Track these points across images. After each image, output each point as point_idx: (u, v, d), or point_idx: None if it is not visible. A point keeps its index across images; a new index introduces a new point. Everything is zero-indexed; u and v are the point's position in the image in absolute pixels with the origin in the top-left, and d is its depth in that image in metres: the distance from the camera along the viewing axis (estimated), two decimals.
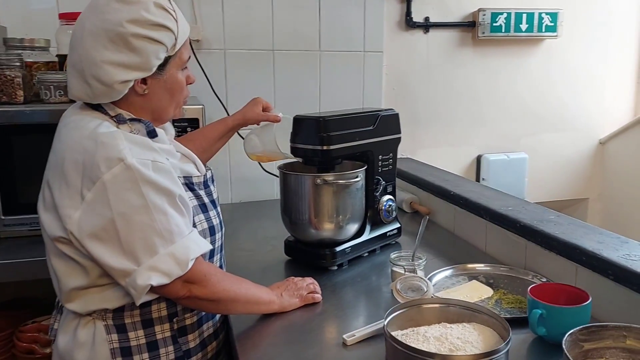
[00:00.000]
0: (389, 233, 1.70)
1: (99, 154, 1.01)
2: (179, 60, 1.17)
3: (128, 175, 1.01)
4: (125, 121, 1.12)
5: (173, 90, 1.18)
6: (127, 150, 1.02)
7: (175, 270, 1.03)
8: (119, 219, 1.00)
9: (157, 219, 1.02)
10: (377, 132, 1.62)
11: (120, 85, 1.08)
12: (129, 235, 1.01)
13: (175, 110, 1.22)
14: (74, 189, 1.02)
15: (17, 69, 1.61)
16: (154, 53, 1.09)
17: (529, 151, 2.73)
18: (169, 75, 1.15)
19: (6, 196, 1.57)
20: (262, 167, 2.20)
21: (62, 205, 1.03)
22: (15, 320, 1.75)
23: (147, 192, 1.02)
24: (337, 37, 2.32)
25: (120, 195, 1.00)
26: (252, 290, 1.22)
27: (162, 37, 1.09)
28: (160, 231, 1.03)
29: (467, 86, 2.60)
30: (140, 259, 1.01)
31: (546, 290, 1.16)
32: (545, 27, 2.59)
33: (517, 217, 1.53)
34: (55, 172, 1.07)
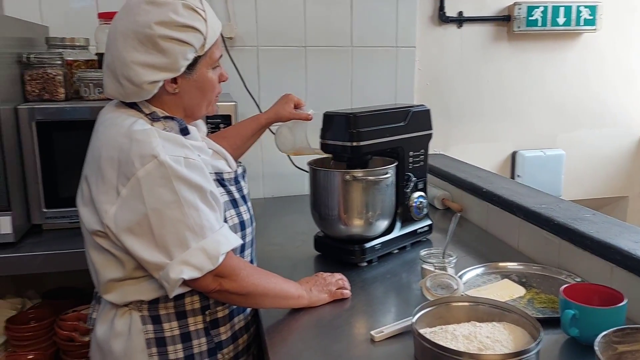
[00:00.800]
0: (419, 230, 1.69)
1: (134, 151, 1.04)
2: (209, 60, 1.18)
3: (161, 172, 1.03)
4: (159, 119, 1.14)
5: (204, 89, 1.20)
6: (160, 147, 1.05)
7: (207, 264, 1.06)
8: (152, 214, 1.03)
9: (188, 214, 1.05)
10: (408, 128, 1.62)
11: (149, 85, 1.11)
12: (162, 230, 1.04)
13: (207, 107, 1.24)
14: (110, 184, 1.06)
15: (59, 67, 1.66)
16: (181, 54, 1.11)
17: (566, 148, 2.67)
18: (199, 74, 1.17)
19: (48, 190, 1.63)
20: (292, 163, 2.22)
21: (99, 201, 1.07)
22: (56, 309, 1.81)
23: (179, 188, 1.04)
24: (369, 32, 2.32)
25: (153, 191, 1.03)
26: (281, 284, 1.23)
27: (189, 38, 1.11)
28: (192, 226, 1.05)
29: (501, 81, 2.56)
30: (173, 253, 1.04)
31: (579, 290, 1.14)
32: (583, 21, 2.52)
33: (551, 215, 1.50)
34: (92, 168, 1.11)
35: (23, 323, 1.75)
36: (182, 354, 1.16)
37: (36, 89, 1.63)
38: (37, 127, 1.60)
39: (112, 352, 1.15)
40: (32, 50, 1.69)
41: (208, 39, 1.14)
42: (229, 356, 1.23)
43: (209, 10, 1.17)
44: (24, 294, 1.96)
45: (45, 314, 1.79)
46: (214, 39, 1.17)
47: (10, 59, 1.58)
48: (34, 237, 1.65)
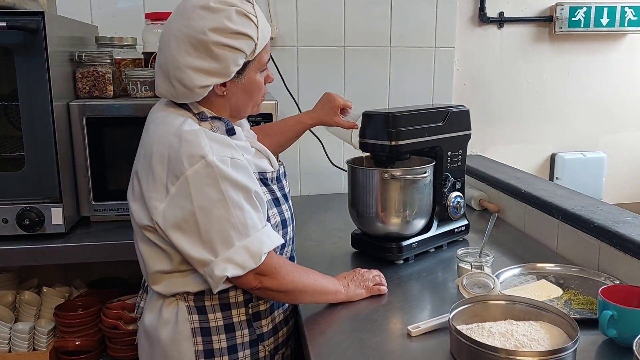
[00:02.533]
0: (456, 229, 1.70)
1: (183, 151, 1.08)
2: (258, 64, 1.20)
3: (208, 172, 1.07)
4: (207, 119, 1.18)
5: (251, 91, 1.23)
6: (208, 147, 1.08)
7: (249, 262, 1.09)
8: (199, 212, 1.07)
9: (233, 214, 1.09)
10: (447, 128, 1.62)
11: (200, 89, 1.15)
12: (208, 227, 1.08)
13: (253, 108, 1.27)
14: (160, 182, 1.10)
15: (108, 65, 1.73)
16: (233, 60, 1.14)
17: (607, 150, 2.62)
18: (248, 77, 1.20)
19: (96, 183, 1.70)
20: (330, 162, 2.25)
21: (149, 197, 1.11)
22: (102, 298, 1.89)
23: (225, 187, 1.08)
24: (408, 33, 2.32)
25: (200, 190, 1.07)
26: (320, 281, 1.26)
27: (241, 45, 1.13)
28: (236, 225, 1.09)
29: (542, 83, 2.53)
30: (218, 251, 1.08)
31: (618, 292, 1.14)
32: (628, 22, 2.47)
33: (591, 217, 1.49)
34: (143, 165, 1.15)
35: (71, 310, 1.83)
36: (225, 344, 1.20)
37: (87, 86, 1.71)
38: (87, 123, 1.67)
39: (160, 340, 1.19)
40: (83, 49, 1.77)
41: (259, 45, 1.16)
42: (270, 348, 1.27)
43: (260, 15, 1.19)
44: (71, 283, 2.05)
45: (92, 302, 1.87)
46: (264, 44, 1.19)
47: (63, 57, 1.65)
48: (82, 228, 1.73)
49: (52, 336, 1.84)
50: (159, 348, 1.20)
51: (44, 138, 1.56)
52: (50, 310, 1.86)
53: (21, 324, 1.80)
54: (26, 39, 1.49)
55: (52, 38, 1.53)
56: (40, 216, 1.59)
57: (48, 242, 1.60)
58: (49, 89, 1.53)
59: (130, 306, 1.81)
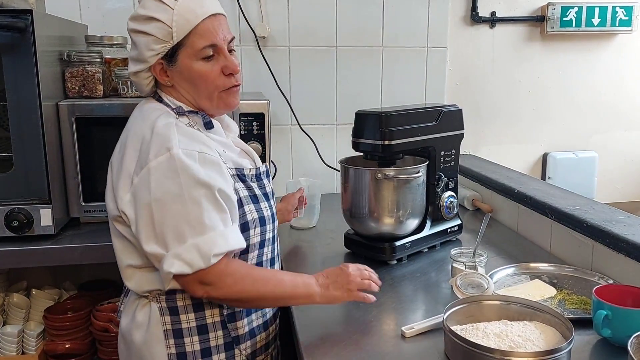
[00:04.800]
0: (449, 229, 1.69)
1: (152, 143, 1.08)
2: (190, 50, 1.15)
3: (171, 164, 1.06)
4: (184, 113, 1.18)
5: (193, 80, 1.18)
6: (175, 140, 1.08)
7: (198, 262, 1.05)
8: (155, 204, 1.06)
9: (190, 209, 1.06)
10: (440, 127, 1.62)
11: (134, 77, 1.20)
12: (162, 220, 1.06)
13: (210, 101, 1.20)
14: (127, 172, 1.10)
15: (97, 65, 1.71)
16: (145, 45, 1.14)
17: (598, 150, 2.63)
18: (182, 65, 1.16)
19: (86, 184, 1.68)
20: (323, 161, 2.24)
21: (117, 187, 1.12)
22: (93, 300, 1.86)
23: (185, 181, 1.06)
24: (400, 33, 2.32)
25: (160, 182, 1.06)
26: (284, 286, 1.16)
27: (151, 29, 1.13)
28: (191, 221, 1.05)
29: (534, 82, 2.54)
30: (169, 245, 1.05)
31: (612, 292, 1.14)
32: (619, 22, 2.48)
33: (584, 217, 1.49)
34: (117, 157, 1.16)
35: (61, 313, 1.81)
36: (198, 346, 1.16)
37: (76, 86, 1.69)
38: (76, 123, 1.65)
39: (134, 342, 1.17)
40: (73, 48, 1.74)
41: (176, 28, 1.13)
42: (247, 352, 1.22)
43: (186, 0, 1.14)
44: (61, 285, 2.02)
45: (82, 304, 1.85)
46: (188, 27, 1.13)
47: (52, 56, 1.63)
48: (72, 229, 1.70)
49: (41, 339, 1.81)
50: (134, 351, 1.18)
51: (32, 138, 1.54)
52: (39, 313, 1.84)
53: (10, 327, 1.78)
54: (14, 38, 1.47)
55: (40, 37, 1.51)
56: (29, 218, 1.57)
57: (37, 244, 1.58)
58: (38, 88, 1.51)
59: None
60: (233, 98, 1.22)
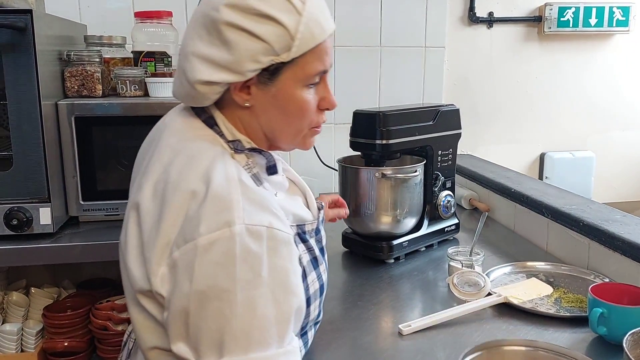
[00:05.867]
0: (447, 228, 1.70)
1: (207, 207, 0.77)
2: (300, 72, 0.86)
3: (228, 247, 0.75)
4: (243, 151, 0.88)
5: (287, 111, 0.88)
6: (240, 210, 0.77)
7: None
8: (195, 297, 0.75)
9: (240, 314, 0.75)
10: (437, 127, 1.63)
11: (202, 86, 0.84)
12: (199, 321, 0.75)
13: (295, 138, 0.92)
14: (166, 238, 0.79)
15: (97, 64, 1.72)
16: (249, 52, 0.81)
17: (596, 150, 2.64)
18: (282, 88, 0.86)
19: (85, 183, 1.68)
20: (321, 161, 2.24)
21: (150, 256, 0.80)
22: (92, 298, 1.87)
23: (242, 275, 0.75)
24: (398, 32, 2.33)
25: (207, 270, 0.75)
26: None
27: (265, 33, 0.81)
28: (236, 331, 0.75)
29: (531, 82, 2.55)
30: (201, 354, 0.76)
31: (608, 290, 1.15)
32: (616, 22, 2.49)
33: (581, 216, 1.50)
34: (153, 203, 0.83)
35: (60, 311, 1.81)
36: None
37: (75, 85, 1.69)
38: (75, 122, 1.65)
39: None
40: (72, 48, 1.75)
41: (298, 41, 0.83)
42: None
43: (315, 2, 0.85)
44: (60, 283, 2.03)
45: (81, 303, 1.85)
46: (310, 44, 0.84)
47: (51, 56, 1.63)
48: (71, 228, 1.71)
49: (40, 337, 1.82)
50: None
51: (32, 137, 1.54)
52: (38, 311, 1.84)
53: (9, 325, 1.78)
54: (14, 37, 1.47)
55: (40, 37, 1.51)
56: (29, 216, 1.57)
57: (36, 243, 1.58)
58: (37, 88, 1.51)
59: (120, 307, 1.80)
60: (312, 140, 0.96)
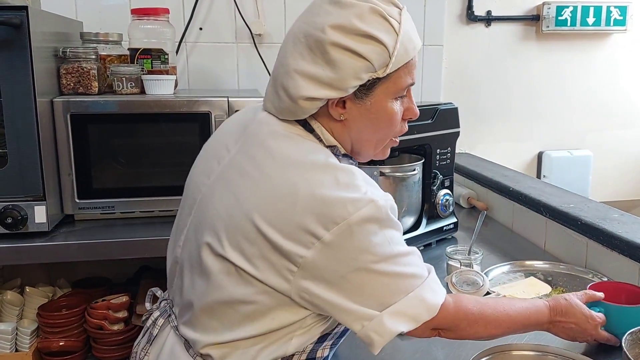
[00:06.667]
0: (445, 227, 1.69)
1: (342, 191, 0.86)
2: (392, 86, 0.93)
3: (376, 218, 0.87)
4: (340, 156, 0.96)
5: (378, 123, 0.96)
6: (369, 191, 0.88)
7: (424, 315, 0.90)
8: (365, 264, 0.87)
9: (403, 262, 0.90)
10: (436, 125, 1.62)
11: (305, 102, 0.90)
12: (375, 282, 0.88)
13: (376, 148, 1.01)
14: (301, 227, 0.86)
15: (93, 61, 1.70)
16: (353, 70, 0.88)
17: (593, 148, 2.64)
18: (375, 102, 0.93)
19: (81, 181, 1.67)
20: None
21: (289, 250, 0.86)
22: (87, 298, 1.85)
23: (392, 235, 0.89)
24: None
25: (367, 240, 0.86)
26: (516, 327, 1.02)
27: (368, 52, 0.88)
28: (407, 275, 0.90)
29: (529, 81, 2.54)
30: (386, 304, 0.88)
31: (606, 289, 1.14)
32: (613, 21, 2.49)
33: (579, 214, 1.50)
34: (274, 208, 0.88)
35: (55, 310, 1.80)
36: None
37: (71, 82, 1.68)
38: (71, 120, 1.64)
39: None
40: (68, 44, 1.73)
41: (395, 58, 0.90)
42: None
43: (407, 22, 0.93)
44: (55, 282, 2.01)
45: (76, 302, 1.84)
46: (404, 60, 0.91)
47: (47, 53, 1.62)
48: (66, 226, 1.69)
49: (35, 337, 1.80)
50: None
51: (27, 135, 1.52)
52: (33, 311, 1.83)
53: (3, 324, 1.77)
54: (9, 34, 1.46)
55: (36, 33, 1.50)
56: (23, 214, 1.56)
57: (31, 241, 1.56)
58: (33, 85, 1.49)
59: (116, 306, 1.78)
60: (389, 149, 1.05)
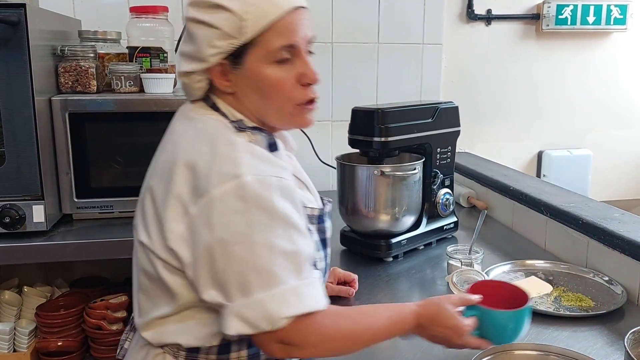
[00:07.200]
0: (445, 227, 1.69)
1: (215, 164, 0.87)
2: (262, 51, 0.92)
3: (240, 195, 0.85)
4: (245, 129, 0.96)
5: (261, 89, 0.95)
6: (246, 164, 0.87)
7: (262, 323, 0.83)
8: (218, 245, 0.85)
9: (260, 254, 0.84)
10: (436, 124, 1.62)
11: (183, 78, 0.97)
12: (225, 267, 0.85)
13: (280, 116, 0.98)
14: (178, 198, 0.88)
15: (91, 60, 1.69)
16: (205, 39, 0.92)
17: (593, 148, 2.64)
18: (249, 69, 0.93)
19: (79, 180, 1.66)
20: (318, 158, 2.23)
21: (165, 217, 0.89)
22: (85, 297, 1.84)
23: (257, 219, 0.85)
24: (396, 29, 2.31)
25: (225, 218, 0.85)
26: (378, 338, 0.95)
27: (216, 20, 0.91)
28: (260, 269, 0.84)
29: (529, 80, 2.54)
30: (232, 296, 0.85)
31: (489, 287, 1.03)
32: (613, 20, 2.49)
33: (580, 214, 1.49)
34: (161, 177, 0.93)
35: (53, 310, 1.79)
36: None
37: (69, 81, 1.67)
38: (69, 118, 1.63)
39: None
40: (66, 43, 1.72)
41: (251, 22, 0.90)
42: None
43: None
44: (52, 282, 2.00)
45: (74, 302, 1.83)
46: (264, 22, 0.91)
47: (45, 51, 1.61)
48: (64, 226, 1.68)
49: (33, 337, 1.79)
50: None
51: (25, 134, 1.51)
52: (31, 311, 1.81)
53: (1, 324, 1.76)
54: (7, 32, 1.45)
55: (34, 32, 1.49)
56: (22, 214, 1.55)
57: (29, 241, 1.55)
58: (31, 83, 1.49)
59: (115, 306, 1.77)
60: (308, 115, 1.00)
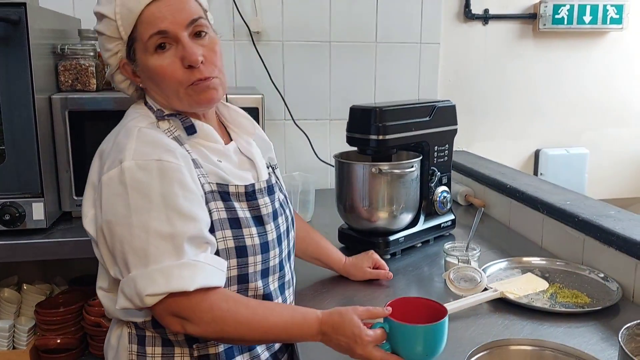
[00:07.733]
0: (443, 224, 1.70)
1: (111, 152, 0.97)
2: (141, 44, 1.00)
3: (121, 179, 0.92)
4: (164, 117, 1.04)
5: (153, 79, 1.03)
6: (131, 150, 0.94)
7: (135, 299, 0.90)
8: (106, 226, 0.93)
9: (136, 235, 0.91)
10: (433, 123, 1.63)
11: (111, 80, 1.10)
12: (112, 245, 0.93)
13: (179, 100, 1.03)
14: (92, 185, 1.00)
15: (91, 58, 1.70)
16: (102, 46, 1.05)
17: (590, 146, 2.65)
18: (140, 63, 1.02)
19: (78, 178, 1.67)
20: (316, 156, 2.24)
21: (83, 202, 1.01)
22: (84, 295, 1.85)
23: (134, 201, 0.91)
24: (393, 28, 2.32)
25: (109, 201, 0.93)
26: (274, 334, 0.96)
27: (101, 27, 1.03)
28: (136, 249, 0.91)
29: (526, 79, 2.55)
30: (122, 273, 0.94)
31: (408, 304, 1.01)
32: (610, 19, 2.50)
33: (576, 211, 1.50)
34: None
35: (52, 308, 1.80)
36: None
37: (69, 79, 1.68)
38: (69, 117, 1.64)
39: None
40: (66, 41, 1.73)
41: (121, 21, 0.99)
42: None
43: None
44: (52, 280, 2.01)
45: (74, 299, 1.84)
46: (132, 18, 0.98)
47: (45, 49, 1.62)
48: (64, 223, 1.69)
49: (32, 334, 1.80)
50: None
51: (24, 131, 1.52)
52: (30, 308, 1.83)
53: (1, 322, 1.77)
54: (7, 30, 1.46)
55: (34, 30, 1.49)
56: (21, 211, 1.55)
57: (29, 238, 1.56)
58: (31, 81, 1.50)
59: None
60: (204, 94, 1.02)
